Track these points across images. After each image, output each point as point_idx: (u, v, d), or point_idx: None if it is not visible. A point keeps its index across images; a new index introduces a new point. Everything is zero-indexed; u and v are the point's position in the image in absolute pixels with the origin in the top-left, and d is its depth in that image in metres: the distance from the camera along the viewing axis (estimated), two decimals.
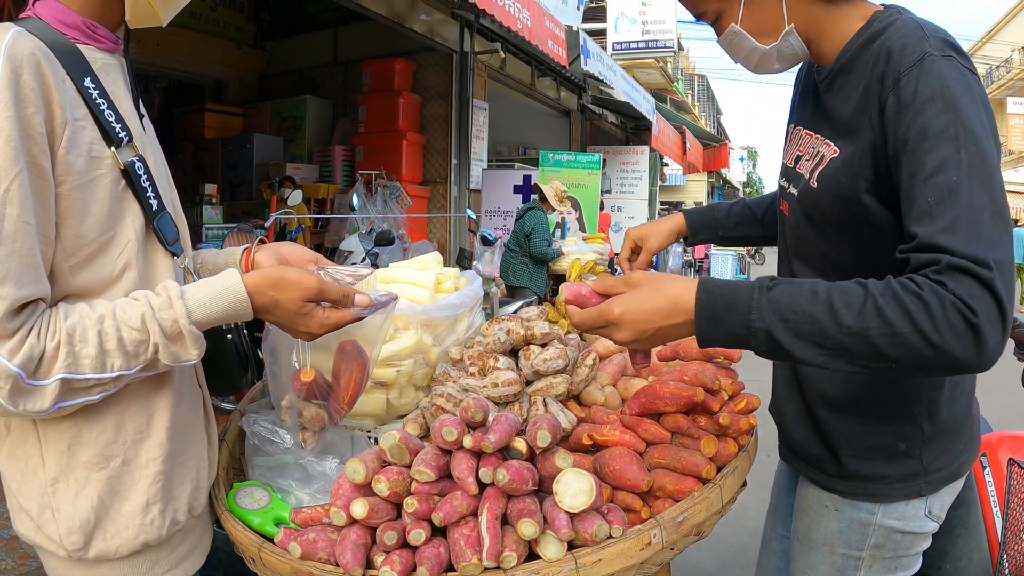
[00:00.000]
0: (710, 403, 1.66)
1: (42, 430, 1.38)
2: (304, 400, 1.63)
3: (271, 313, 1.43)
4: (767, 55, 1.65)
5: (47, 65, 1.28)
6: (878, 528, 1.68)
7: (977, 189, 1.30)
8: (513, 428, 1.46)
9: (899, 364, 1.25)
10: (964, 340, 1.21)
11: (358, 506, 1.39)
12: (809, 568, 1.80)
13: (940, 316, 1.22)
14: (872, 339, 1.24)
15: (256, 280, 1.41)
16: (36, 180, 1.25)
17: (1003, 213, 1.30)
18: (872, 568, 1.71)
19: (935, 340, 1.21)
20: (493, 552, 1.31)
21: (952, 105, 1.35)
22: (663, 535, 1.43)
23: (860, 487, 1.68)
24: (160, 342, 1.32)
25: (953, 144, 1.33)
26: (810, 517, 1.79)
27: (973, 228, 1.27)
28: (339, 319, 1.46)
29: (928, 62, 1.40)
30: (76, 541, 1.39)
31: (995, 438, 2.35)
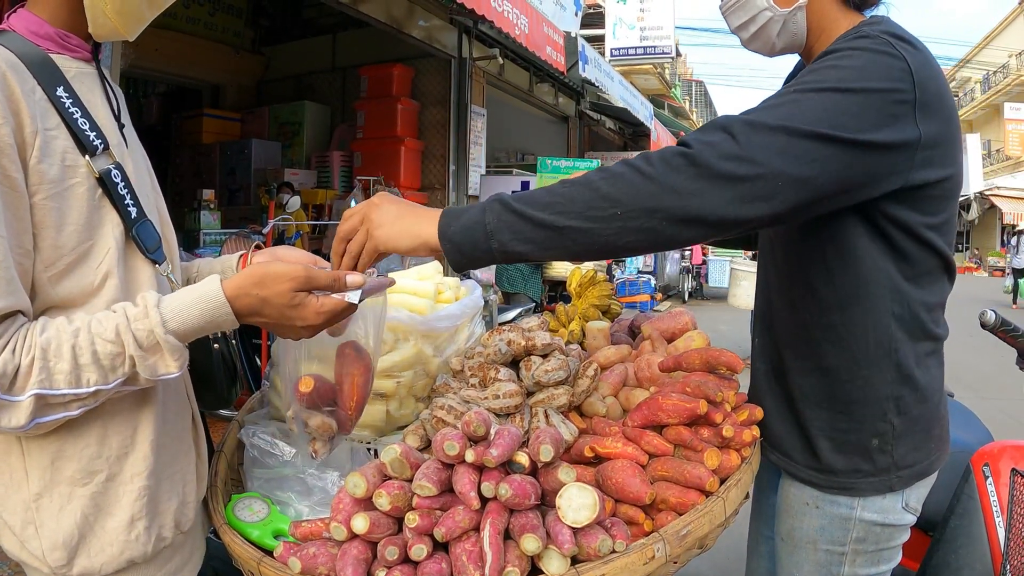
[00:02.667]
0: (713, 415, 1.65)
1: (26, 445, 1.37)
2: (308, 410, 1.60)
3: (261, 314, 1.38)
4: (774, 22, 1.69)
5: (13, 76, 1.28)
6: (859, 522, 1.72)
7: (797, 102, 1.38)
8: (515, 442, 1.44)
9: (623, 205, 1.31)
10: (676, 163, 1.31)
11: (359, 521, 1.37)
12: (794, 566, 1.83)
13: (655, 156, 1.33)
14: (593, 184, 1.33)
15: (237, 282, 1.37)
16: (7, 191, 1.24)
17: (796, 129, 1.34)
18: (856, 562, 1.75)
19: (647, 171, 1.32)
20: (496, 568, 1.29)
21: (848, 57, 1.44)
22: (667, 549, 1.42)
23: (836, 481, 1.72)
24: (136, 354, 1.28)
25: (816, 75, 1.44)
26: (792, 516, 1.82)
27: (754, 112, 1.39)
28: (335, 305, 1.39)
29: (858, 35, 1.51)
30: (59, 558, 1.37)
31: (997, 447, 2.34)
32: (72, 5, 1.41)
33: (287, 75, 13.13)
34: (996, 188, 37.34)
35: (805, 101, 1.37)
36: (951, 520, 2.31)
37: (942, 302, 1.72)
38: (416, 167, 11.56)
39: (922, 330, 1.67)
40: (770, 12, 1.68)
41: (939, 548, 2.33)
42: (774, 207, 1.33)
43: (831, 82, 1.39)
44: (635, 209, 1.30)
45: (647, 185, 1.30)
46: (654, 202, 1.30)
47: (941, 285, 1.68)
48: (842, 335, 1.67)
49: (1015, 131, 40.08)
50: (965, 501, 2.30)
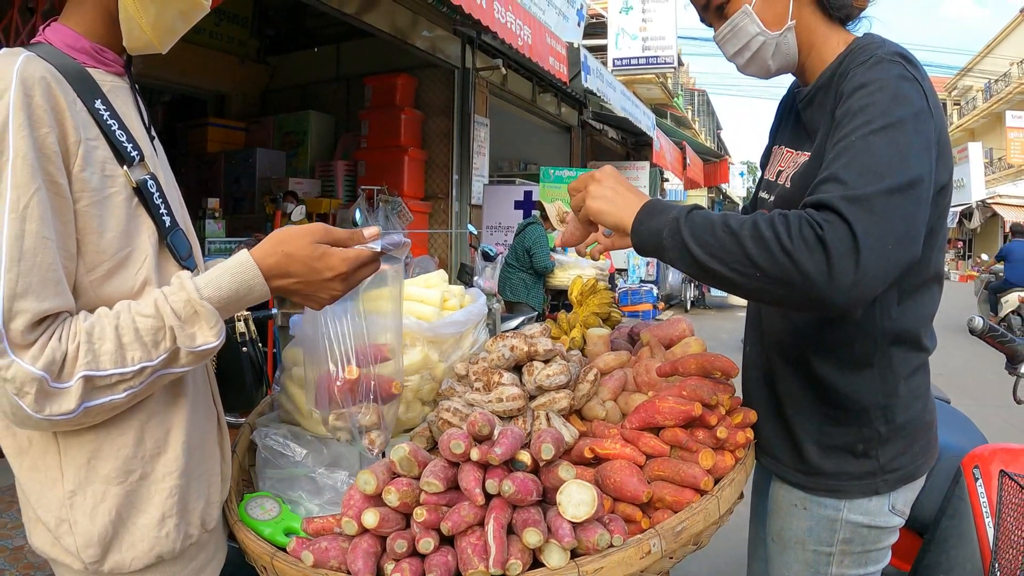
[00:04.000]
0: (708, 417, 1.72)
1: (63, 444, 1.41)
2: (353, 405, 1.65)
3: (289, 273, 1.44)
4: (767, 45, 1.76)
5: (57, 87, 1.33)
6: (845, 524, 1.77)
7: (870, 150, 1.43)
8: (518, 441, 1.51)
9: (763, 272, 1.39)
10: (814, 252, 1.35)
11: (369, 516, 1.44)
12: (784, 566, 1.88)
13: (795, 229, 1.37)
14: (742, 240, 1.41)
15: (262, 246, 1.43)
16: (54, 197, 1.29)
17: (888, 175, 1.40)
18: (843, 563, 1.80)
19: (787, 246, 1.36)
20: (499, 560, 1.36)
21: (880, 89, 1.50)
22: (662, 544, 1.48)
23: (823, 483, 1.78)
24: (175, 324, 1.33)
25: (864, 115, 1.48)
26: (782, 517, 1.88)
27: (846, 175, 1.42)
28: (357, 254, 1.46)
29: (874, 61, 1.55)
30: (93, 554, 1.41)
31: (988, 451, 2.39)
32: (107, 19, 1.47)
33: (292, 85, 13.17)
34: (998, 196, 37.29)
35: (878, 150, 1.43)
36: (942, 521, 2.36)
37: (932, 313, 1.77)
38: (420, 176, 11.61)
39: (912, 343, 1.73)
40: (763, 36, 1.74)
41: (930, 548, 2.38)
42: (892, 269, 1.39)
43: (880, 120, 1.46)
44: (772, 278, 1.39)
45: (785, 261, 1.37)
46: (788, 278, 1.37)
47: (931, 296, 1.74)
48: (831, 346, 1.72)
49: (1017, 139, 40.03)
50: (956, 503, 2.35)
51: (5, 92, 1.25)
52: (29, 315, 1.23)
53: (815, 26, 1.75)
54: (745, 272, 1.41)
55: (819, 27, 1.75)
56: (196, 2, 1.53)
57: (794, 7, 1.73)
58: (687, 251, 1.47)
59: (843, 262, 1.34)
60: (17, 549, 4.18)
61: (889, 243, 1.36)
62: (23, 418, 1.26)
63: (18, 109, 1.25)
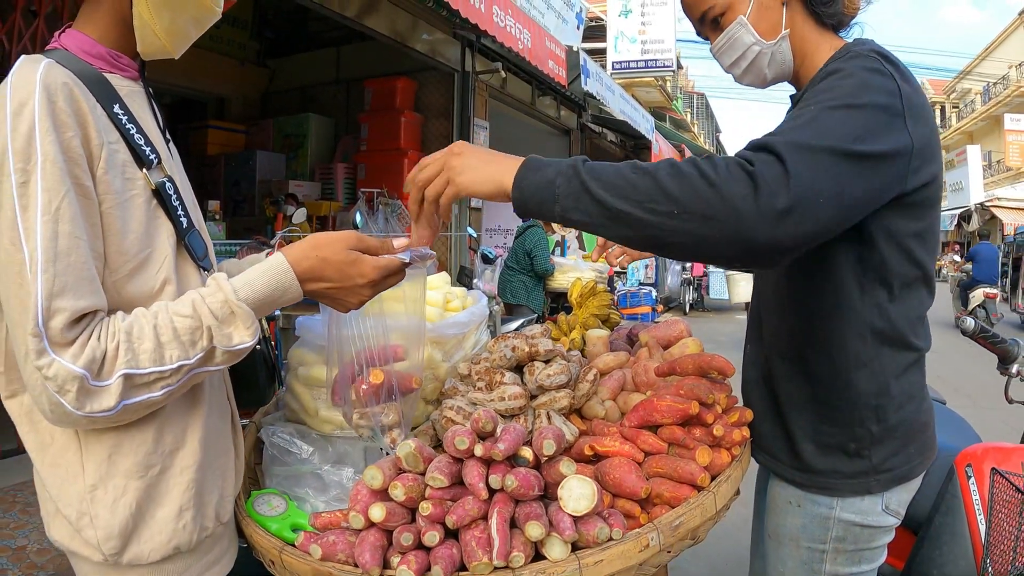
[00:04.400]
0: (704, 416, 1.76)
1: (84, 440, 1.45)
2: (376, 405, 1.70)
3: (322, 277, 1.48)
4: (763, 54, 1.80)
5: (79, 92, 1.37)
6: (838, 522, 1.80)
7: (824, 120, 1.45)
8: (520, 438, 1.55)
9: (682, 206, 1.34)
10: (739, 183, 1.33)
11: (376, 510, 1.47)
12: (780, 562, 1.92)
13: (722, 165, 1.36)
14: (658, 177, 1.36)
15: (297, 249, 1.47)
16: (82, 199, 1.33)
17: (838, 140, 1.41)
18: (837, 560, 1.83)
19: (711, 177, 1.33)
20: (503, 552, 1.39)
21: (850, 76, 1.54)
22: (660, 538, 1.52)
23: (815, 480, 1.81)
24: (212, 324, 1.37)
25: (826, 94, 1.51)
26: (778, 514, 1.92)
27: (793, 131, 1.43)
28: (389, 262, 1.51)
29: (850, 56, 1.61)
30: (114, 546, 1.45)
31: (980, 449, 2.44)
32: (121, 25, 1.51)
33: (292, 87, 13.21)
34: (996, 199, 37.27)
35: (829, 120, 1.44)
36: (936, 518, 2.40)
37: (922, 314, 1.80)
38: None
39: (902, 342, 1.75)
40: (758, 46, 1.79)
41: (924, 545, 2.42)
42: (813, 227, 1.36)
43: (841, 99, 1.48)
44: (693, 212, 1.34)
45: (708, 191, 1.33)
46: (711, 210, 1.33)
47: (921, 298, 1.77)
48: (824, 344, 1.76)
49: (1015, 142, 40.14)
50: (949, 500, 2.40)
51: (29, 98, 1.29)
52: (67, 313, 1.26)
53: (808, 34, 1.80)
54: (660, 209, 1.35)
55: (812, 35, 1.80)
56: (208, 8, 1.57)
57: (787, 16, 1.77)
58: (588, 194, 1.39)
59: (770, 191, 1.32)
60: (19, 549, 4.21)
61: (821, 197, 1.35)
62: (62, 415, 1.30)
63: (43, 115, 1.29)
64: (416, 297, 1.74)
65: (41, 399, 1.29)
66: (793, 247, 1.36)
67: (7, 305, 1.30)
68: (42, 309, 1.25)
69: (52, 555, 4.16)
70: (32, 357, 1.26)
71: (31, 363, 1.26)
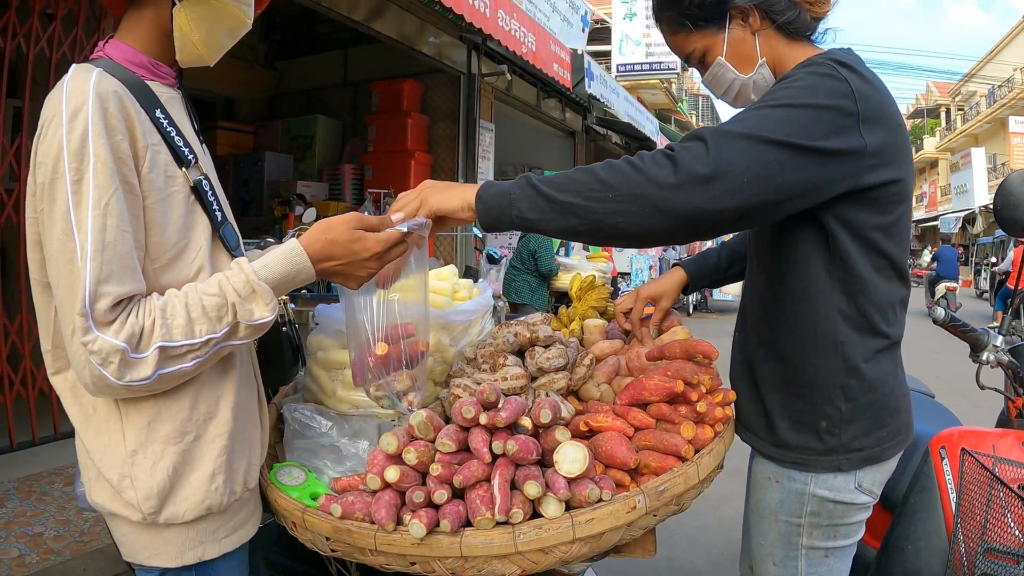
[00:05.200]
0: (689, 394, 1.91)
1: (124, 410, 1.61)
2: (391, 372, 1.86)
3: (332, 256, 1.66)
4: (746, 85, 1.96)
5: (127, 99, 1.55)
6: (812, 497, 1.93)
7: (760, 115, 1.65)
8: (521, 409, 1.71)
9: (615, 190, 1.58)
10: (662, 165, 1.58)
11: (391, 472, 1.64)
12: (760, 535, 2.07)
13: (648, 155, 1.61)
14: (595, 171, 1.62)
15: (308, 234, 1.67)
16: (128, 195, 1.51)
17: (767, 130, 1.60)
18: (813, 534, 1.97)
19: (637, 164, 1.59)
20: (503, 508, 1.56)
21: (798, 81, 1.71)
22: (646, 501, 1.68)
23: (789, 455, 1.96)
24: (236, 301, 1.55)
25: (771, 95, 1.72)
26: (758, 490, 2.07)
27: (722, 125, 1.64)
28: (389, 236, 1.69)
29: (807, 63, 1.79)
30: (152, 506, 1.61)
31: (955, 433, 2.55)
32: (161, 37, 1.69)
33: (300, 89, 13.30)
34: None
35: (765, 115, 1.64)
36: (911, 497, 2.53)
37: (894, 303, 1.91)
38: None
39: (870, 327, 1.87)
40: (739, 81, 1.96)
41: (900, 522, 2.55)
42: (739, 202, 1.56)
43: (784, 100, 1.66)
44: (624, 194, 1.57)
45: (635, 176, 1.57)
46: (639, 190, 1.57)
47: (892, 288, 1.89)
48: (793, 327, 1.91)
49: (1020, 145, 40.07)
50: (924, 480, 2.52)
51: (84, 104, 1.46)
52: (111, 297, 1.44)
53: (783, 51, 1.93)
54: (597, 196, 1.59)
55: (786, 50, 1.93)
56: (241, 20, 1.75)
57: (761, 46, 1.92)
58: (539, 194, 1.64)
59: (688, 166, 1.55)
60: (36, 536, 4.34)
61: (743, 175, 1.56)
62: (104, 386, 1.47)
63: (96, 119, 1.46)
64: (419, 286, 1.91)
65: (84, 372, 1.46)
66: (722, 217, 1.59)
67: (58, 288, 1.48)
68: (89, 293, 1.42)
69: (68, 541, 4.31)
70: (79, 334, 1.43)
71: (77, 339, 1.43)
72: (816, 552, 1.99)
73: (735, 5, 1.88)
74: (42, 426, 5.70)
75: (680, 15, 1.95)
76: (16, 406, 5.54)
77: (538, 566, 1.62)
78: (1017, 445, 2.44)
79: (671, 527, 5.06)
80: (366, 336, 1.85)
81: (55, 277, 1.48)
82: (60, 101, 1.48)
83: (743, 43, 1.92)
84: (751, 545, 2.14)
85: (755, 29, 1.91)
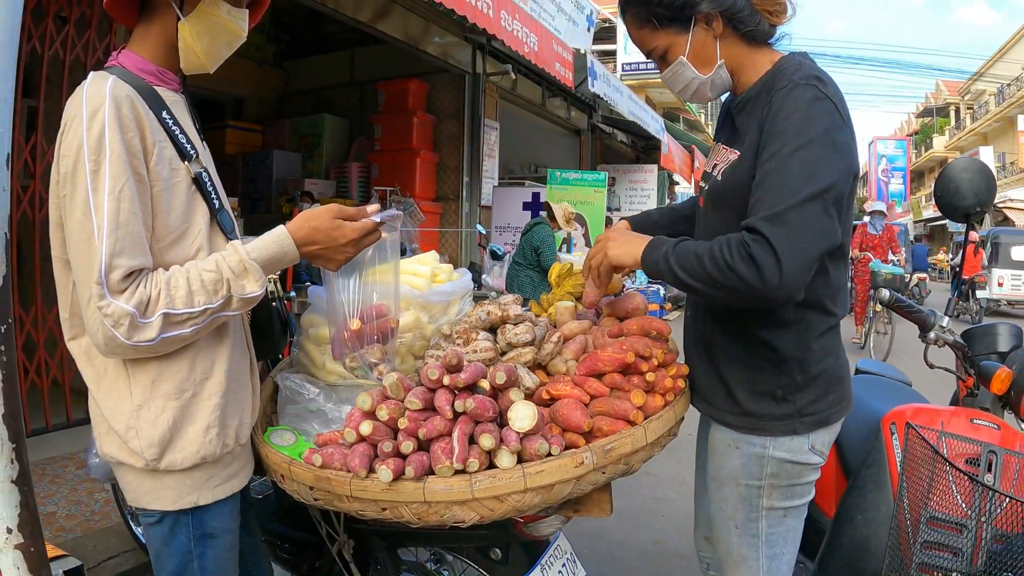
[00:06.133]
0: (640, 365, 2.09)
1: (131, 370, 1.84)
2: (364, 346, 2.09)
3: (314, 240, 1.89)
4: (704, 83, 2.11)
5: (138, 102, 1.79)
6: (771, 460, 2.10)
7: (784, 171, 1.83)
8: (480, 372, 1.92)
9: (720, 284, 1.84)
10: (749, 266, 1.78)
11: (365, 426, 1.87)
12: (722, 500, 2.22)
13: (736, 251, 1.80)
14: (704, 263, 1.86)
15: (293, 222, 1.91)
16: (138, 184, 1.74)
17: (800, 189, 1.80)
18: (772, 495, 2.13)
19: (731, 263, 1.80)
20: (461, 457, 1.78)
21: (794, 112, 1.87)
22: (593, 458, 1.86)
23: (750, 423, 2.12)
24: (230, 277, 1.78)
25: (780, 139, 1.86)
26: (719, 457, 2.22)
27: (767, 197, 1.83)
28: (364, 224, 1.93)
29: (791, 87, 1.92)
30: (154, 453, 1.84)
31: (909, 410, 2.68)
32: (168, 48, 1.93)
33: (307, 89, 13.50)
34: (1009, 200, 36.91)
35: (789, 171, 1.82)
36: (862, 470, 2.68)
37: (842, 286, 2.12)
38: (431, 178, 11.92)
39: (822, 308, 2.07)
40: (698, 80, 2.10)
41: (851, 493, 2.70)
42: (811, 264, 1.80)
43: (793, 143, 1.84)
44: (725, 287, 1.83)
45: (731, 274, 1.80)
46: (737, 286, 1.81)
47: (840, 272, 2.10)
48: (754, 310, 2.08)
49: None
50: (875, 453, 2.66)
51: (101, 106, 1.71)
52: (123, 269, 1.67)
53: (742, 55, 2.08)
54: (709, 284, 1.86)
55: (746, 54, 2.08)
56: (237, 34, 2.00)
57: (721, 49, 2.06)
58: (674, 274, 1.92)
59: (769, 269, 1.75)
60: (50, 515, 4.52)
61: (805, 243, 1.77)
62: (116, 346, 1.70)
63: (112, 119, 1.71)
64: (392, 270, 2.14)
65: (98, 334, 1.69)
66: (802, 288, 1.82)
67: (76, 262, 1.72)
68: (105, 265, 1.66)
69: (79, 520, 4.50)
70: (95, 300, 1.66)
71: (93, 304, 1.67)
72: (775, 512, 2.15)
73: (700, 10, 2.01)
74: (55, 413, 5.89)
75: (648, 12, 2.07)
76: (31, 394, 5.72)
77: (494, 513, 1.82)
78: (966, 422, 2.59)
79: (658, 514, 5.23)
80: (343, 313, 2.08)
81: (75, 252, 1.72)
82: (80, 103, 1.73)
83: (705, 46, 2.05)
84: (712, 513, 2.29)
85: (717, 34, 2.04)
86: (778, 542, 2.18)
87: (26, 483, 1.39)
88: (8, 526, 1.35)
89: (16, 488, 1.36)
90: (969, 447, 2.44)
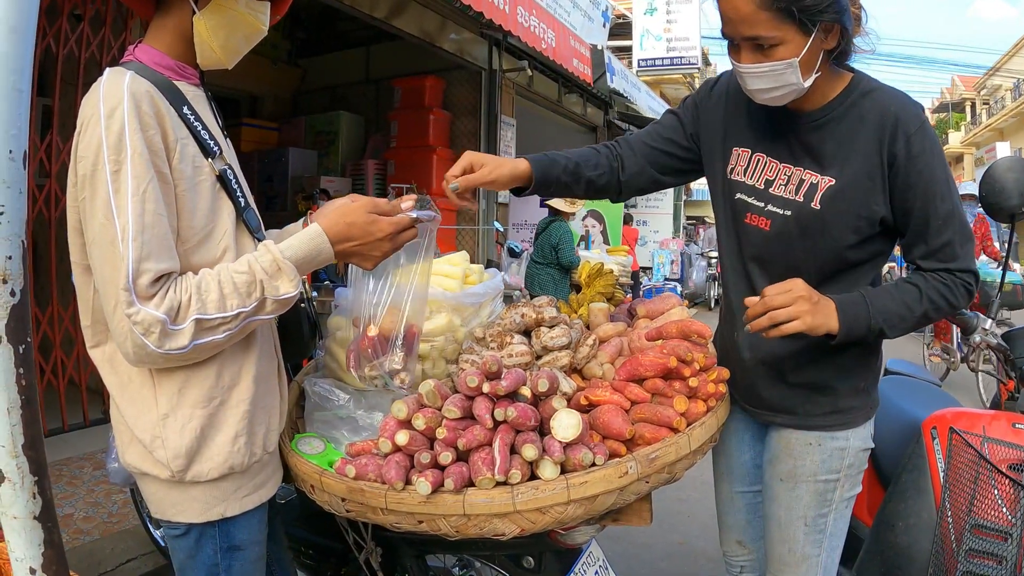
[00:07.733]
0: (682, 370, 2.03)
1: (157, 378, 1.77)
2: (384, 353, 2.00)
3: (350, 237, 1.83)
4: (795, 91, 1.97)
5: (158, 98, 1.71)
6: (851, 450, 2.21)
7: (960, 213, 2.01)
8: (521, 379, 1.84)
9: (935, 319, 2.10)
10: (967, 299, 2.06)
11: (401, 436, 1.80)
12: (794, 500, 2.23)
13: (960, 292, 2.05)
14: (927, 313, 2.05)
15: (326, 220, 1.84)
16: (162, 184, 1.66)
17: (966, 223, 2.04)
18: (844, 486, 2.22)
19: (956, 304, 2.05)
20: (503, 469, 1.70)
21: (935, 153, 2.00)
22: (638, 467, 1.80)
23: (840, 419, 2.21)
24: (263, 278, 1.71)
25: (937, 184, 1.99)
26: (795, 457, 2.24)
27: (962, 239, 2.03)
28: (400, 220, 1.87)
29: (920, 124, 1.98)
30: (180, 464, 1.77)
31: (949, 414, 2.64)
32: (184, 42, 1.85)
33: (323, 86, 13.43)
34: None
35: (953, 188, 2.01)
36: (903, 475, 2.64)
37: None
38: None
39: None
40: (796, 85, 1.94)
41: (891, 499, 2.65)
42: None
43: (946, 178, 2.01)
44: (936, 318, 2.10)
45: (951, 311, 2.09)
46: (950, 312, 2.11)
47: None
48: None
49: None
50: (915, 459, 2.62)
51: (119, 104, 1.63)
52: (152, 273, 1.60)
53: (826, 71, 2.00)
54: (926, 323, 2.11)
55: (827, 72, 2.00)
56: (256, 27, 1.92)
57: (821, 61, 1.95)
58: (882, 334, 2.04)
59: (974, 290, 2.05)
60: (67, 516, 4.48)
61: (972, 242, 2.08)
62: (145, 355, 1.63)
63: (131, 117, 1.63)
64: (422, 273, 2.05)
65: (127, 343, 1.62)
66: None
67: (99, 268, 1.64)
68: (132, 270, 1.58)
69: (97, 522, 4.46)
70: (123, 307, 1.58)
71: (121, 312, 1.59)
72: (844, 503, 2.24)
73: (828, 18, 1.88)
74: (72, 413, 5.86)
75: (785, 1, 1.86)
76: (47, 394, 5.66)
77: (536, 525, 1.75)
78: (1008, 426, 2.54)
79: (683, 514, 5.19)
80: (364, 318, 2.00)
81: (97, 258, 1.64)
82: (98, 101, 1.65)
83: (815, 54, 1.92)
84: (777, 514, 2.29)
85: (828, 46, 1.95)
86: (838, 534, 2.26)
87: (50, 519, 1.31)
88: (32, 566, 1.27)
89: (39, 525, 1.26)
90: (1012, 452, 2.41)
